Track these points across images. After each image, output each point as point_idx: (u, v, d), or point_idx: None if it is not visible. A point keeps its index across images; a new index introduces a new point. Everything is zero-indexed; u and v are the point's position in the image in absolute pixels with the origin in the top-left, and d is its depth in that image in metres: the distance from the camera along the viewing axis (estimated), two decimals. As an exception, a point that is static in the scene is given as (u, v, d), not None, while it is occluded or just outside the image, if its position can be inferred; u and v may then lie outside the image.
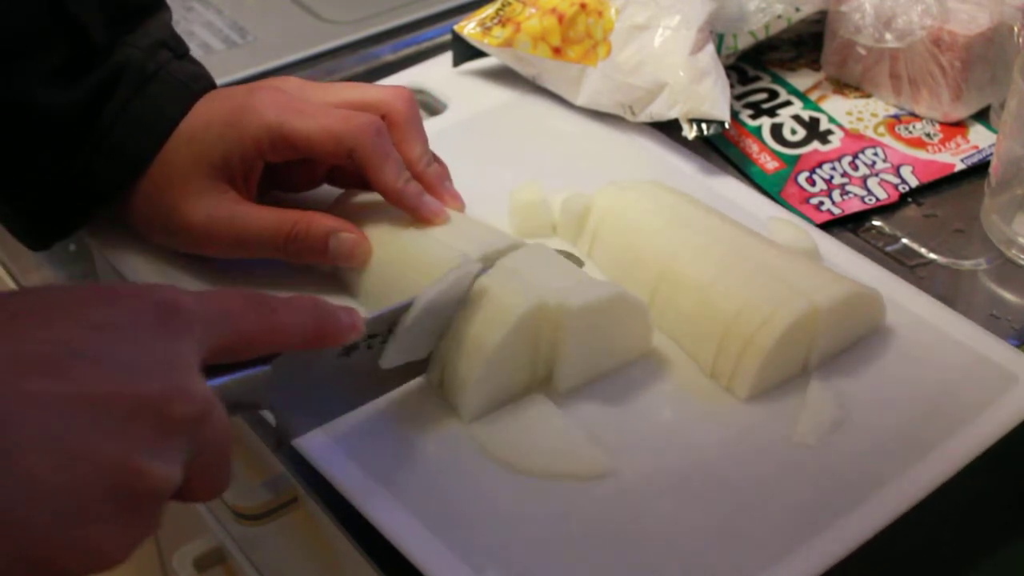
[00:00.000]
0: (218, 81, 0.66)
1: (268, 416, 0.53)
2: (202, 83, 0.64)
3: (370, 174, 0.61)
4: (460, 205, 0.65)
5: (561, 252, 0.64)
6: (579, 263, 0.64)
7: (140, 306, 0.41)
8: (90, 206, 0.64)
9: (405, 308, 0.55)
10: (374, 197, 0.64)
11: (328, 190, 0.68)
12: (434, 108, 0.83)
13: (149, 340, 0.40)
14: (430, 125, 0.79)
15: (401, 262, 0.61)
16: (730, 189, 0.74)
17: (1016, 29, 0.76)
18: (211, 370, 0.44)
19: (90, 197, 0.64)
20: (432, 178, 0.64)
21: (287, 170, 0.65)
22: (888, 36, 0.78)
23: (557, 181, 0.70)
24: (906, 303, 0.65)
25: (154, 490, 0.39)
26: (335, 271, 0.64)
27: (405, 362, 0.56)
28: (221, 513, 0.75)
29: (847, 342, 0.62)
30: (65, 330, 0.39)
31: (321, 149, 0.61)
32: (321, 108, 0.61)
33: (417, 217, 0.62)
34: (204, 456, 0.42)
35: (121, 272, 0.67)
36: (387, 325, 0.54)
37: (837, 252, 0.68)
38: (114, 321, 0.40)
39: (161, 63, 0.63)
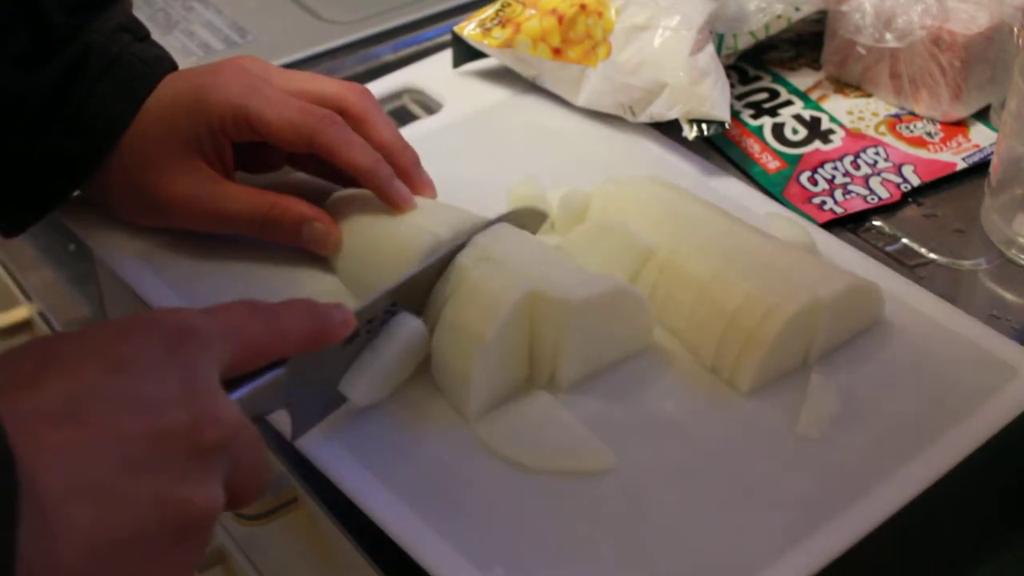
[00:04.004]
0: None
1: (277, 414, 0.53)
2: (165, 64, 0.66)
3: (338, 159, 0.62)
4: (433, 192, 0.66)
5: (534, 209, 0.65)
6: (543, 217, 0.65)
7: (154, 337, 0.41)
8: (61, 188, 0.65)
9: (391, 292, 0.56)
10: (361, 192, 0.65)
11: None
12: (429, 108, 0.83)
13: (168, 370, 0.40)
14: (425, 124, 0.79)
15: (374, 246, 0.63)
16: (730, 188, 0.74)
17: (1016, 29, 0.76)
18: (228, 383, 0.45)
19: (61, 179, 0.65)
20: (406, 162, 0.65)
21: (249, 151, 0.66)
22: (888, 36, 0.78)
23: (555, 180, 0.70)
24: (904, 298, 0.65)
25: (201, 516, 0.39)
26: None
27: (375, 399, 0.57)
28: (221, 513, 0.75)
29: (847, 335, 0.62)
30: (81, 376, 0.38)
31: (280, 137, 0.62)
32: (282, 96, 0.63)
33: (387, 199, 0.63)
34: (241, 469, 0.42)
35: (102, 257, 0.68)
36: (376, 311, 0.56)
37: (835, 248, 0.68)
38: (130, 358, 0.40)
39: (123, 46, 0.64)
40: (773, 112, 0.81)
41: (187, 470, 0.39)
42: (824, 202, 0.73)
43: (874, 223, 0.73)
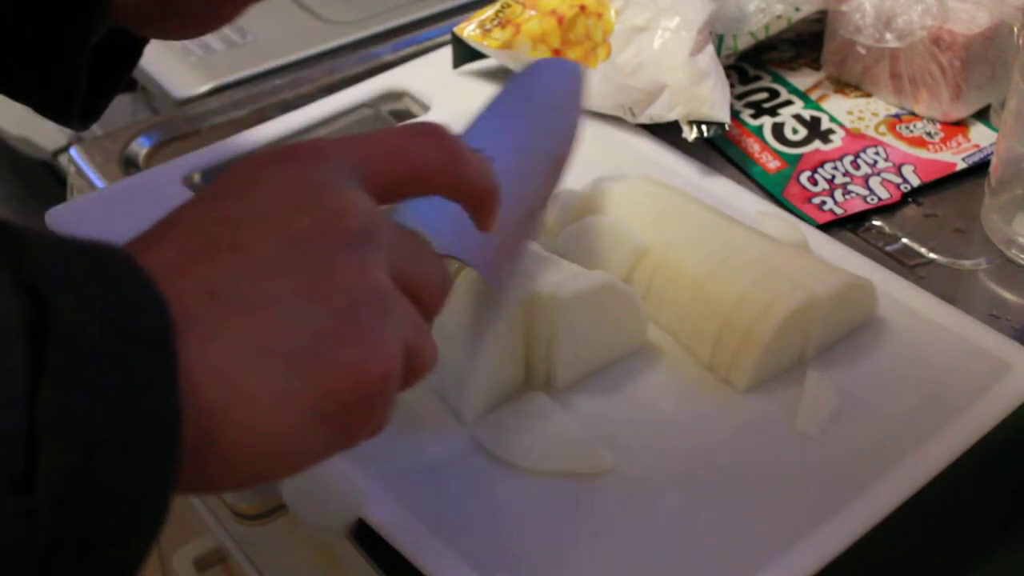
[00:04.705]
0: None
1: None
2: None
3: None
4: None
5: None
6: None
7: (267, 167, 0.41)
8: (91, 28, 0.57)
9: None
10: None
11: None
12: (415, 111, 0.82)
13: (283, 183, 0.40)
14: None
15: None
16: (723, 188, 0.73)
17: (1016, 29, 0.76)
18: None
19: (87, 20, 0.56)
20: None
21: None
22: (888, 36, 0.78)
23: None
24: (897, 295, 0.65)
25: (370, 290, 0.39)
26: None
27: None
28: (221, 513, 0.75)
29: (841, 332, 0.62)
30: (200, 226, 0.39)
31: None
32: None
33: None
34: (404, 262, 0.41)
35: None
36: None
37: (831, 247, 0.68)
38: (246, 192, 0.40)
39: None
40: (773, 112, 0.81)
41: (335, 263, 0.39)
42: (824, 202, 0.73)
43: (874, 223, 0.73)
